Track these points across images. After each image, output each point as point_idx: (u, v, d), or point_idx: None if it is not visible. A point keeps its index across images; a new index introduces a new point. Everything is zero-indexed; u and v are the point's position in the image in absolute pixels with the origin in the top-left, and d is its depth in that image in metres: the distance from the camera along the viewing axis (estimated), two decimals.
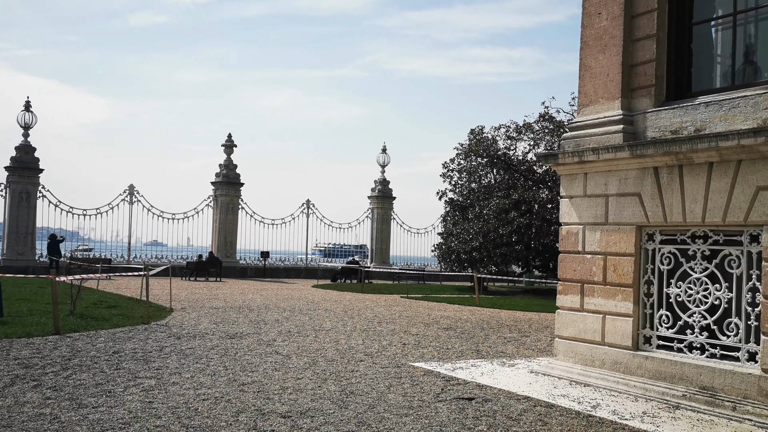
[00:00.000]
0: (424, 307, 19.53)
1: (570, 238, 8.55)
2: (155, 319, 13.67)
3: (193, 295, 20.50)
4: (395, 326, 13.96)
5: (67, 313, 13.34)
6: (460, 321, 15.63)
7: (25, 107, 29.76)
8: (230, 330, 12.39)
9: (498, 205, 28.25)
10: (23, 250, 29.05)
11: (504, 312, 18.83)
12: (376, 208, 38.97)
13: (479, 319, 16.37)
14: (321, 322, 14.41)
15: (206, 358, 9.16)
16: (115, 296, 18.43)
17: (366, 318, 15.55)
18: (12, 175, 29.25)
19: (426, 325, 14.33)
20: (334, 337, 11.87)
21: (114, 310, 14.99)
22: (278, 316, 15.21)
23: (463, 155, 32.47)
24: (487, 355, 10.31)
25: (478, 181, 32.18)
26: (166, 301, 17.46)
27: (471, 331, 13.57)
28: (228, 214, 34.53)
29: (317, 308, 17.71)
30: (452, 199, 32.51)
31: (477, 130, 32.20)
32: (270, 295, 21.69)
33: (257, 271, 34.76)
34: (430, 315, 16.87)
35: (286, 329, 12.81)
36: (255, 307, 17.21)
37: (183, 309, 16.18)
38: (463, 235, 29.14)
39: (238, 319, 14.26)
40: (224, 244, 34.14)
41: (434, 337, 12.35)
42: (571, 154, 8.38)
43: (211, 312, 15.67)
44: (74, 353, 9.19)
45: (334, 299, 21.26)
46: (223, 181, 34.54)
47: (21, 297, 16.66)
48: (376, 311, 17.48)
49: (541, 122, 31.17)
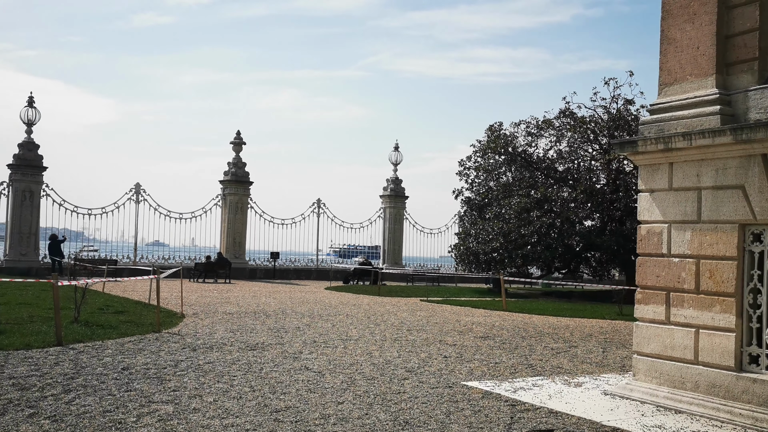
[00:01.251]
0: (449, 312, 18.36)
1: (651, 238, 7.37)
2: (166, 327, 12.54)
3: (203, 298, 19.38)
4: (427, 335, 12.80)
5: (71, 320, 12.22)
6: (494, 328, 14.46)
7: (28, 103, 28.68)
8: (249, 340, 11.24)
9: (519, 204, 27.05)
10: (26, 251, 27.96)
11: (535, 317, 17.65)
12: (389, 208, 37.80)
13: (513, 326, 15.19)
14: (345, 329, 13.25)
15: (228, 376, 8.00)
16: (122, 300, 17.31)
17: (392, 325, 14.39)
18: (15, 173, 28.16)
19: (460, 334, 13.16)
20: (365, 348, 10.71)
21: (121, 316, 13.86)
22: (298, 323, 14.06)
23: (481, 153, 31.29)
24: (543, 371, 9.13)
25: (496, 179, 30.99)
26: (177, 306, 16.33)
27: (511, 341, 12.39)
28: (237, 214, 33.41)
29: (337, 313, 16.56)
30: (469, 198, 31.34)
31: (495, 126, 31.00)
32: (284, 299, 20.56)
33: (267, 273, 33.64)
34: (459, 321, 15.70)
35: (310, 338, 11.66)
36: (271, 313, 16.07)
37: (195, 314, 15.04)
38: (483, 236, 27.94)
39: (256, 327, 13.12)
40: (233, 244, 33.03)
41: (475, 348, 11.18)
42: (654, 141, 7.19)
43: (225, 318, 14.53)
44: (78, 370, 8.04)
45: (352, 303, 20.11)
46: (231, 179, 33.41)
47: (22, 301, 15.55)
48: (400, 317, 16.32)
49: (561, 118, 29.98)
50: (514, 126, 30.29)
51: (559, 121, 29.84)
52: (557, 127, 29.76)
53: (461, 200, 31.85)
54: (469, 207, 31.31)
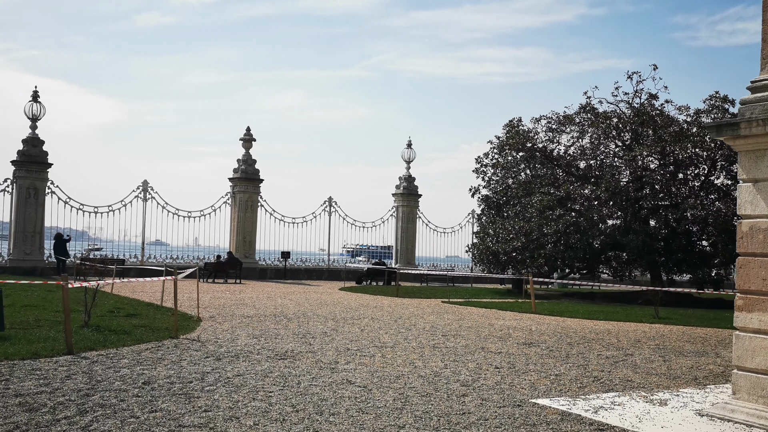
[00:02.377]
0: (477, 314, 17.39)
1: (755, 236, 6.40)
2: (183, 332, 11.60)
3: (217, 300, 18.44)
4: (466, 341, 11.83)
5: (81, 325, 11.28)
6: (533, 333, 13.48)
7: (33, 98, 27.74)
8: (276, 347, 10.29)
9: (541, 202, 26.05)
10: (31, 250, 27.03)
11: (569, 321, 16.66)
12: (401, 207, 36.81)
13: (552, 330, 14.21)
14: (376, 334, 12.29)
15: (264, 392, 7.05)
16: (132, 302, 16.37)
17: (424, 330, 13.43)
18: (19, 170, 27.22)
19: (500, 340, 12.18)
20: (405, 357, 9.75)
21: (134, 320, 12.92)
22: (323, 327, 13.11)
23: (498, 150, 30.30)
24: (613, 385, 8.16)
25: (514, 176, 29.98)
26: (191, 308, 15.39)
27: (559, 348, 11.41)
28: (247, 212, 32.47)
29: (361, 316, 15.60)
30: (487, 197, 30.34)
31: (515, 121, 30.00)
32: (300, 300, 19.61)
33: (277, 273, 32.70)
34: (492, 325, 14.73)
35: (343, 345, 10.70)
36: (292, 316, 15.12)
37: (212, 318, 14.09)
38: (502, 235, 26.95)
39: (280, 332, 12.16)
40: (243, 243, 32.09)
41: (524, 357, 10.21)
42: (762, 122, 6.21)
43: (244, 322, 13.58)
44: (93, 385, 7.09)
45: (372, 305, 19.16)
46: (241, 177, 32.47)
47: (27, 303, 14.62)
48: (428, 320, 15.36)
49: (582, 114, 28.96)
50: (534, 122, 29.30)
51: (580, 117, 28.85)
52: (578, 122, 28.77)
53: (478, 198, 30.87)
54: (487, 205, 30.32)
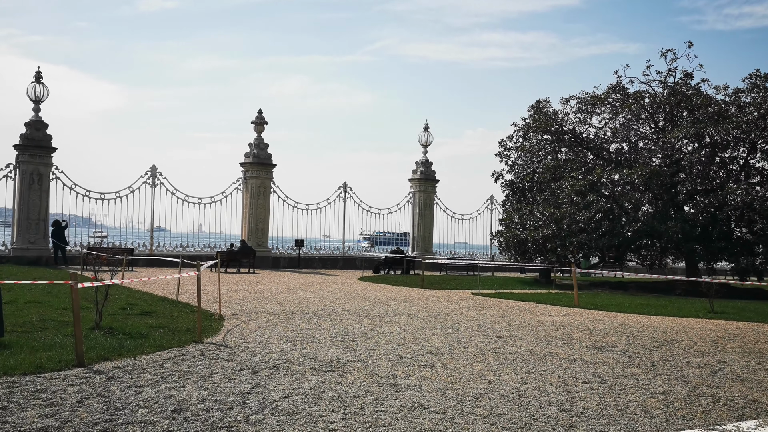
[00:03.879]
0: (519, 309, 16.02)
1: None
2: (207, 334, 10.25)
3: (234, 292, 17.10)
4: (527, 345, 10.45)
5: (91, 326, 9.95)
6: (595, 333, 12.10)
7: (36, 79, 26.30)
8: (317, 354, 8.93)
9: (573, 188, 24.59)
10: (35, 239, 25.69)
11: (621, 316, 15.27)
12: (418, 192, 35.39)
13: (612, 329, 12.83)
14: (421, 335, 10.93)
15: (324, 423, 5.67)
16: (145, 296, 15.02)
17: (471, 329, 12.07)
18: (22, 155, 25.84)
19: (564, 342, 10.81)
20: (470, 368, 8.38)
21: (149, 319, 11.58)
22: (360, 326, 11.75)
23: (522, 132, 28.81)
24: (742, 408, 6.76)
25: (539, 161, 28.51)
26: (208, 303, 14.06)
27: (635, 353, 10.03)
28: (259, 198, 31.09)
29: (395, 312, 14.24)
30: (512, 181, 28.89)
31: (542, 102, 28.51)
32: (323, 293, 18.27)
33: (291, 261, 31.38)
34: (543, 323, 13.35)
35: (392, 351, 9.34)
36: (321, 312, 13.77)
37: (235, 316, 12.74)
38: (530, 222, 25.52)
39: (314, 333, 10.81)
40: (255, 231, 30.74)
41: (606, 367, 8.82)
42: None
43: (271, 320, 12.22)
44: (112, 414, 5.73)
45: (401, 297, 17.81)
46: (253, 161, 31.05)
47: (30, 299, 13.28)
48: (470, 316, 14.00)
49: (612, 94, 27.45)
50: (562, 102, 27.82)
51: (611, 98, 27.35)
52: (610, 103, 27.26)
53: (501, 183, 29.45)
54: (512, 191, 28.90)
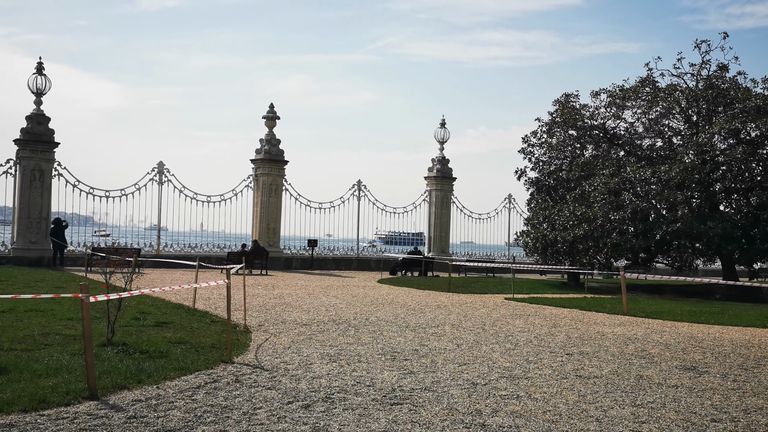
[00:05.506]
0: (565, 317, 14.63)
1: None
2: (236, 350, 8.88)
3: (252, 297, 15.72)
4: (605, 364, 9.06)
5: (102, 343, 8.59)
6: (671, 349, 10.69)
7: (37, 70, 24.94)
8: (372, 378, 7.55)
9: (606, 186, 23.19)
10: (36, 238, 24.34)
11: (681, 326, 13.86)
12: (435, 191, 34.01)
13: (686, 343, 11.42)
14: (479, 352, 9.56)
15: None
16: (157, 302, 13.64)
17: (529, 343, 10.68)
18: (23, 149, 24.50)
19: (649, 362, 9.41)
20: (558, 397, 7.01)
21: (167, 332, 10.21)
22: (404, 340, 10.38)
23: (547, 128, 27.40)
24: None
25: (564, 158, 27.10)
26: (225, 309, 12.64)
27: (735, 375, 8.63)
28: (271, 197, 29.72)
29: (435, 322, 12.86)
30: (538, 179, 27.49)
31: (570, 96, 27.09)
32: (347, 298, 16.91)
33: (303, 262, 30.04)
34: (603, 335, 11.96)
35: (458, 374, 7.95)
36: (354, 322, 12.39)
37: (261, 326, 11.37)
38: (560, 221, 24.12)
39: (357, 350, 9.43)
40: (266, 230, 29.38)
41: (719, 396, 7.43)
42: None
43: (303, 332, 10.85)
44: None
45: (432, 303, 16.43)
46: (265, 158, 29.68)
47: (32, 307, 11.90)
48: (518, 326, 12.61)
49: (643, 88, 26.03)
50: (593, 95, 26.41)
51: (643, 91, 25.93)
52: (641, 98, 25.84)
53: (525, 181, 28.04)
54: (537, 189, 27.49)
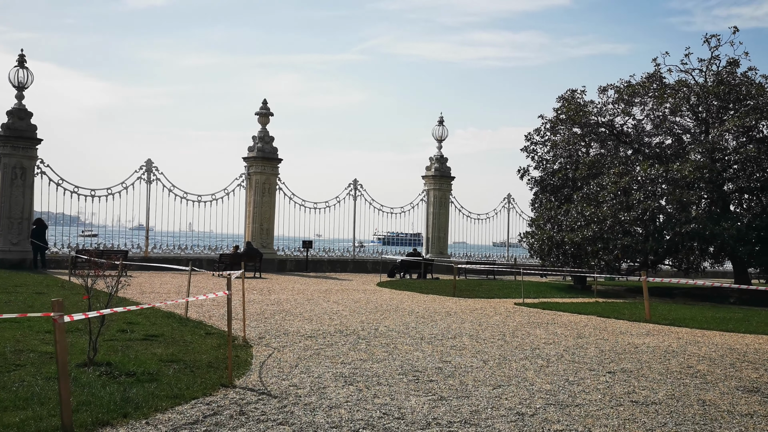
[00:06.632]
0: (586, 326, 13.62)
1: None
2: (236, 370, 7.78)
3: (249, 303, 14.60)
4: (657, 385, 8.04)
5: (83, 363, 7.49)
6: (716, 363, 9.69)
7: (19, 62, 23.72)
8: (399, 407, 6.48)
9: (617, 185, 22.25)
10: (18, 239, 23.09)
11: (712, 335, 12.87)
12: (433, 190, 33.00)
13: (732, 357, 10.42)
14: (510, 370, 8.51)
15: None
16: (146, 312, 12.45)
17: (560, 358, 9.64)
18: (3, 146, 23.24)
19: (698, 380, 8.39)
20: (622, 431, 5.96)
21: (157, 346, 9.10)
22: (422, 356, 9.32)
23: (551, 126, 26.45)
24: None
25: (569, 156, 26.15)
26: (221, 318, 11.57)
27: None
28: (264, 196, 28.57)
29: (450, 332, 11.80)
30: (542, 178, 26.51)
31: (575, 92, 26.14)
32: (349, 303, 15.85)
33: (298, 264, 28.92)
34: (635, 347, 10.95)
35: (495, 401, 6.90)
36: (362, 333, 11.31)
37: (261, 339, 10.27)
38: (567, 222, 23.16)
39: (373, 367, 8.35)
40: (260, 231, 28.23)
41: None
42: None
43: (309, 346, 9.75)
44: None
45: (441, 310, 15.39)
46: (258, 156, 28.52)
47: (5, 318, 10.70)
48: (540, 337, 11.58)
49: (650, 84, 25.12)
50: (600, 91, 25.47)
51: (651, 88, 25.02)
52: (650, 94, 24.93)
53: (528, 180, 27.07)
54: (541, 188, 26.52)
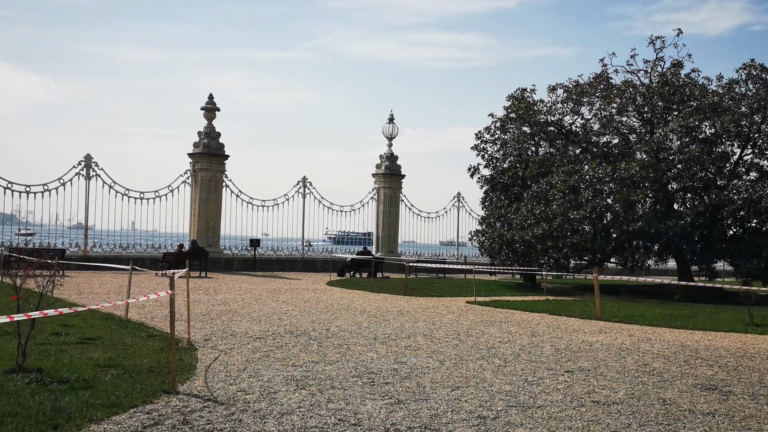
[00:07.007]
0: (539, 324, 13.54)
1: None
2: (180, 375, 7.29)
3: (195, 304, 14.01)
4: (616, 384, 7.91)
5: (10, 369, 6.89)
6: (671, 361, 9.66)
7: None
8: (355, 412, 6.13)
9: (566, 183, 22.42)
10: None
11: (664, 332, 12.95)
12: (383, 188, 32.76)
13: (685, 355, 10.43)
14: (467, 371, 8.26)
15: None
16: (85, 313, 11.72)
17: (517, 357, 9.45)
18: None
19: (656, 378, 8.31)
20: None
21: (93, 350, 8.52)
22: (377, 356, 8.99)
23: (501, 125, 26.52)
24: None
25: (518, 155, 26.26)
26: (164, 320, 11.00)
27: (755, 394, 7.61)
28: (210, 193, 27.78)
29: (404, 332, 11.51)
30: (492, 177, 26.54)
31: (525, 91, 26.25)
32: (298, 303, 15.42)
33: (245, 263, 28.26)
34: (591, 345, 10.88)
35: (455, 404, 6.61)
36: (313, 333, 10.92)
37: (207, 341, 9.77)
38: (517, 221, 23.23)
39: (325, 370, 7.97)
40: (205, 229, 27.43)
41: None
42: None
43: (259, 348, 9.30)
44: None
45: (393, 309, 15.11)
46: (203, 152, 27.71)
47: None
48: (495, 336, 11.41)
49: (597, 84, 25.44)
50: (550, 90, 25.63)
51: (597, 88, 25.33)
52: (598, 95, 25.24)
53: (478, 178, 27.08)
54: (492, 186, 26.55)
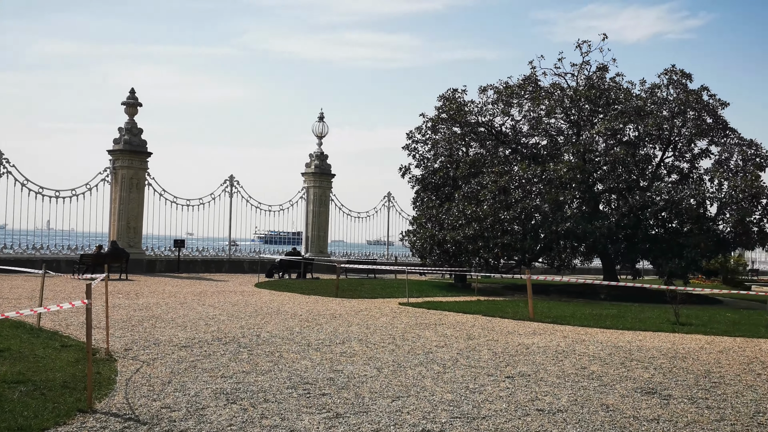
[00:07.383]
0: (473, 326, 13.44)
1: None
2: (97, 391, 6.68)
3: (114, 309, 13.21)
4: (558, 390, 7.78)
5: None
6: (608, 364, 9.67)
7: None
8: (292, 431, 5.72)
9: (497, 184, 22.57)
10: None
11: (596, 332, 13.06)
12: (313, 188, 32.32)
13: (620, 356, 10.48)
14: (406, 379, 7.97)
15: None
16: None
17: (455, 362, 9.24)
18: None
19: (596, 382, 8.24)
20: None
21: (1, 364, 7.75)
22: (312, 365, 8.58)
23: (431, 125, 26.52)
24: None
25: (449, 155, 26.32)
26: (79, 327, 10.24)
27: (704, 399, 7.63)
28: (131, 192, 26.62)
29: (338, 337, 11.14)
30: (423, 177, 26.48)
31: (456, 92, 26.31)
32: (226, 307, 14.80)
33: (169, 265, 27.24)
34: (527, 347, 10.80)
35: (397, 416, 6.29)
36: (242, 340, 10.40)
37: (128, 351, 9.11)
38: (449, 221, 23.24)
39: (257, 381, 7.52)
40: (126, 229, 26.26)
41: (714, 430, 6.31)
42: None
43: (184, 357, 8.73)
44: None
45: (326, 312, 14.70)
46: (124, 148, 26.53)
47: None
48: (431, 339, 11.19)
49: (527, 86, 25.78)
50: (481, 91, 25.76)
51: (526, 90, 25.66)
52: (527, 96, 25.55)
53: (409, 178, 26.98)
54: (423, 187, 26.49)
